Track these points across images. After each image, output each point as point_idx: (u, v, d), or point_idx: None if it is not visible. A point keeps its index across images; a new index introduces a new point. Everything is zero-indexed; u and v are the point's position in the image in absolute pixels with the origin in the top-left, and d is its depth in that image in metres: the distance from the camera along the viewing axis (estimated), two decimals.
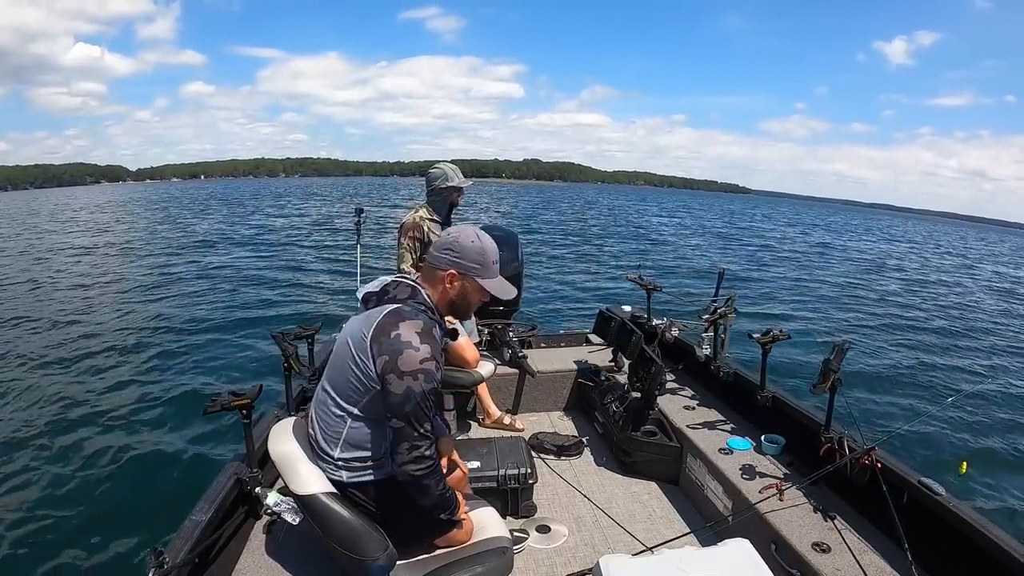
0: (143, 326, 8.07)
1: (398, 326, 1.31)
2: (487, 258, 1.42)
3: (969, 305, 12.66)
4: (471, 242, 1.42)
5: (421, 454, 1.33)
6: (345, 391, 1.38)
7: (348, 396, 1.37)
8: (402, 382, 1.28)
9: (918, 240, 40.64)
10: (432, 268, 1.44)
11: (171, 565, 1.39)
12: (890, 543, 1.76)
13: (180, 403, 5.24)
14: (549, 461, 2.78)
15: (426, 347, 1.30)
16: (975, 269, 22.91)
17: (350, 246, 13.21)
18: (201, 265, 13.29)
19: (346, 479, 1.42)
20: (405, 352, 1.28)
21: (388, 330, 1.31)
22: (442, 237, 1.47)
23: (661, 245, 19.51)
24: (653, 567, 1.36)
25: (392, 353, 1.29)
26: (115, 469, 4.13)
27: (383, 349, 1.30)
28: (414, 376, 1.28)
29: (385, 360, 1.29)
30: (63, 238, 20.00)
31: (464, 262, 1.41)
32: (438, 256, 1.43)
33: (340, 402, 1.39)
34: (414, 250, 2.78)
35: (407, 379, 1.28)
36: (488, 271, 1.43)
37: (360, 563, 1.37)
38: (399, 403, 1.29)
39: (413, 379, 1.28)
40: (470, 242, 1.42)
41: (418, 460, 1.32)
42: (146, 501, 3.72)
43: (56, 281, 11.74)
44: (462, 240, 1.42)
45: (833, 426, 2.08)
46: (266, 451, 2.09)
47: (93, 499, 3.77)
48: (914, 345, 8.24)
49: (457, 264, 1.41)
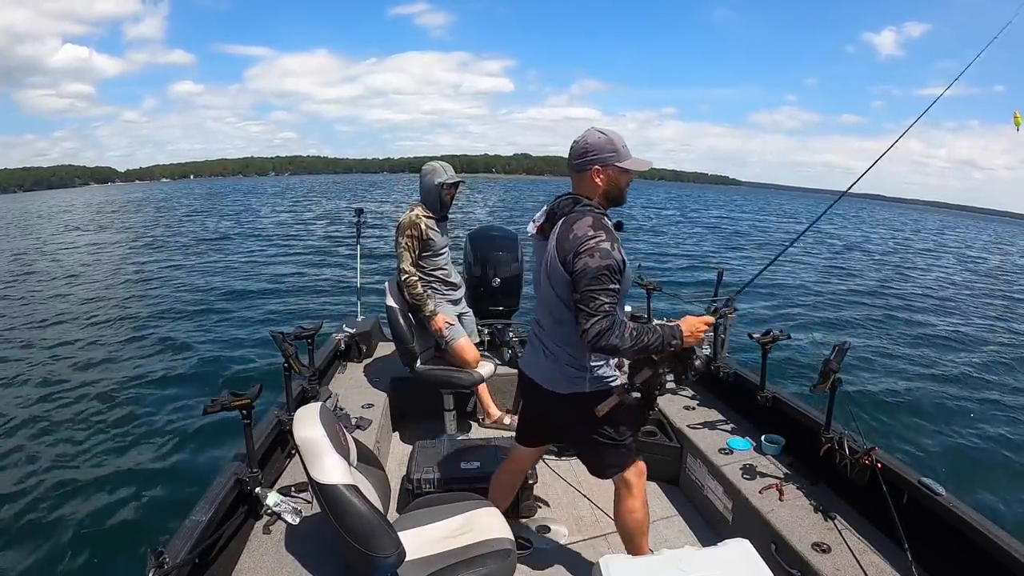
0: (142, 326, 8.06)
1: (572, 228, 1.51)
2: (616, 143, 1.57)
3: (970, 298, 12.65)
4: (597, 137, 1.58)
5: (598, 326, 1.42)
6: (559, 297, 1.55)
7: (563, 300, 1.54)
8: (580, 260, 1.45)
9: (916, 230, 40.61)
10: (579, 174, 1.60)
11: (171, 565, 1.39)
12: (890, 543, 1.76)
13: (180, 403, 5.23)
14: (549, 461, 2.78)
15: (599, 232, 1.48)
16: (971, 259, 22.90)
17: (350, 245, 13.21)
18: (200, 265, 13.27)
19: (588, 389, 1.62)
20: (582, 241, 1.47)
21: (566, 235, 1.51)
22: (573, 147, 1.61)
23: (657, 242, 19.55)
24: (653, 567, 1.36)
25: (571, 246, 1.48)
26: (115, 469, 4.12)
27: (566, 249, 1.49)
28: (590, 253, 1.45)
29: (569, 254, 1.48)
30: (62, 239, 20.01)
31: (601, 155, 1.56)
32: (578, 163, 1.59)
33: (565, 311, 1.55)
34: (413, 248, 2.78)
35: (584, 257, 1.45)
36: (621, 154, 1.58)
37: (370, 559, 1.37)
38: (578, 279, 1.46)
39: (589, 256, 1.45)
40: (597, 137, 1.58)
41: (599, 335, 1.43)
42: (146, 501, 3.72)
43: (55, 282, 11.74)
44: (589, 139, 1.58)
45: (833, 426, 2.08)
46: (266, 451, 2.10)
47: (93, 499, 3.76)
48: (914, 343, 8.25)
49: (596, 159, 1.56)
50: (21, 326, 8.25)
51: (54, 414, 5.07)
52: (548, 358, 1.68)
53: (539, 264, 1.65)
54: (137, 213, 31.95)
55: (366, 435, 2.53)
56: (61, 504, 3.69)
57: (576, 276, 1.46)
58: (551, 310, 1.62)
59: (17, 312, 9.09)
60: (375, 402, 2.88)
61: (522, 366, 1.83)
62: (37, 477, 4.02)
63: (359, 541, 1.36)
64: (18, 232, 23.48)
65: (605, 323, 1.42)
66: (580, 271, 1.45)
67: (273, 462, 2.19)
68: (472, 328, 3.11)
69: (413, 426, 3.09)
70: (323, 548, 1.75)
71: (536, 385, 1.74)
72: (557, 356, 1.65)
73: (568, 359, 1.63)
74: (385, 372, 3.26)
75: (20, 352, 6.97)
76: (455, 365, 2.91)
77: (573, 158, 1.60)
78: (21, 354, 6.89)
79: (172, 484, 3.90)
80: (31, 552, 3.23)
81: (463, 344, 2.90)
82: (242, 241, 17.88)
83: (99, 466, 4.18)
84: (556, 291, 1.56)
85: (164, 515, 3.42)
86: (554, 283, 1.56)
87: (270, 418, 2.25)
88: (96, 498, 3.78)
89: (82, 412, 5.11)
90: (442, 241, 2.89)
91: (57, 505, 3.67)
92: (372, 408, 2.82)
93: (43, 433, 4.68)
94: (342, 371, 3.31)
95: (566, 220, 1.55)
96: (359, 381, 3.19)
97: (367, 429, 2.60)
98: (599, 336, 1.42)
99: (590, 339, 1.43)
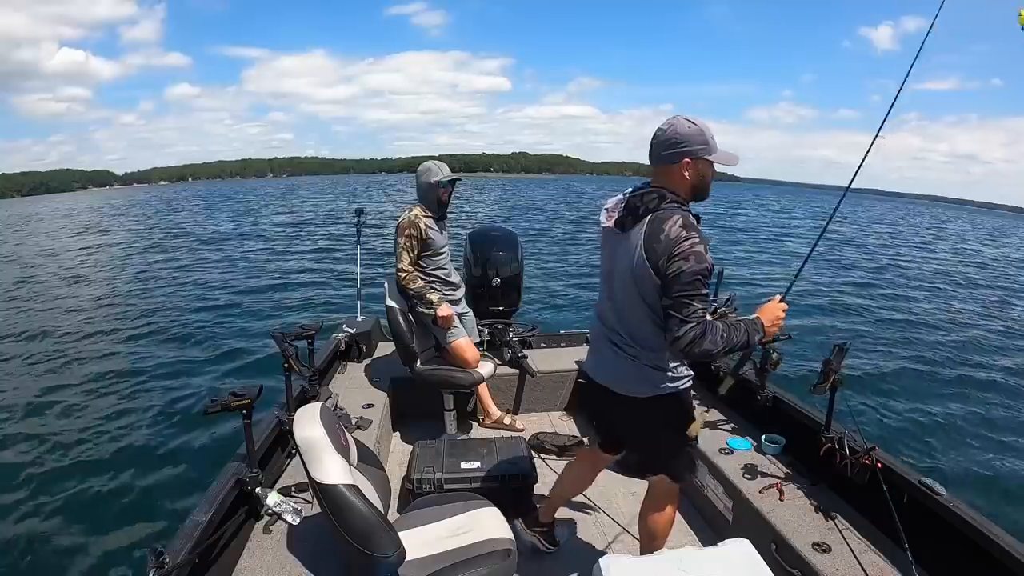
0: (143, 327, 8.07)
1: (663, 227, 1.41)
2: (706, 134, 1.47)
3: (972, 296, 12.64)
4: (688, 127, 1.47)
5: (692, 332, 1.38)
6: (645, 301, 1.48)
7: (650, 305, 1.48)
8: (674, 263, 1.38)
9: (912, 224, 40.52)
10: (665, 167, 1.49)
11: (171, 565, 1.39)
12: (891, 543, 1.76)
13: (181, 403, 5.24)
14: (549, 461, 2.78)
15: (692, 233, 1.40)
16: (969, 255, 22.86)
17: (350, 245, 13.22)
18: (200, 266, 13.28)
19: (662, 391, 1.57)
20: (676, 243, 1.39)
21: (656, 235, 1.42)
22: (657, 136, 1.51)
23: None
24: (653, 567, 1.36)
25: (664, 248, 1.40)
26: (115, 469, 4.13)
27: (658, 251, 1.41)
28: (684, 257, 1.37)
29: (661, 257, 1.40)
30: (63, 243, 20.01)
31: (693, 147, 1.46)
32: (666, 155, 1.48)
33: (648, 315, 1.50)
34: (412, 248, 2.78)
35: (679, 260, 1.38)
36: (711, 146, 1.48)
37: (371, 559, 1.37)
38: (670, 284, 1.39)
39: (684, 260, 1.37)
40: (687, 127, 1.47)
41: (692, 341, 1.39)
42: (146, 501, 3.72)
43: (54, 282, 11.74)
44: (680, 129, 1.47)
45: (833, 426, 2.08)
46: (266, 451, 2.10)
47: (93, 499, 3.77)
48: (914, 342, 8.24)
49: (688, 151, 1.46)
50: (21, 326, 8.25)
51: (55, 414, 5.08)
52: (625, 361, 1.59)
53: (612, 258, 1.57)
54: (138, 217, 31.94)
55: (366, 435, 2.53)
56: (62, 504, 3.69)
57: (668, 280, 1.40)
58: (632, 312, 1.54)
59: (18, 312, 9.10)
60: (375, 402, 2.88)
61: (589, 371, 1.75)
62: (38, 477, 4.03)
63: (359, 541, 1.36)
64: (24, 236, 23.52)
65: (699, 329, 1.38)
66: (673, 276, 1.38)
67: (273, 462, 2.19)
68: (472, 328, 3.11)
69: (413, 426, 3.09)
70: (323, 548, 1.75)
71: (606, 390, 1.67)
72: (638, 359, 1.57)
73: (650, 361, 1.57)
74: (385, 372, 3.26)
75: (21, 352, 6.98)
76: (455, 365, 2.91)
77: (661, 148, 1.49)
78: (22, 353, 6.89)
79: (172, 484, 3.91)
80: (32, 552, 3.23)
81: (463, 344, 2.90)
82: (242, 242, 17.88)
83: (99, 466, 4.18)
84: (642, 293, 1.49)
85: (164, 515, 3.43)
86: (640, 285, 1.48)
87: (270, 418, 2.25)
88: (96, 498, 3.79)
89: (82, 412, 5.12)
90: (441, 240, 2.89)
91: (58, 505, 3.68)
92: (372, 408, 2.82)
93: (43, 433, 4.69)
94: (342, 371, 3.32)
95: (655, 218, 1.45)
96: (359, 381, 3.19)
97: (367, 429, 2.60)
98: (693, 343, 1.38)
99: (683, 346, 1.39)
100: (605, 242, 1.64)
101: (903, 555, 1.63)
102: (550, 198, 44.33)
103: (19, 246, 19.19)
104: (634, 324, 1.56)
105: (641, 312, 1.51)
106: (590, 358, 1.78)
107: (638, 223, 1.48)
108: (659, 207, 1.46)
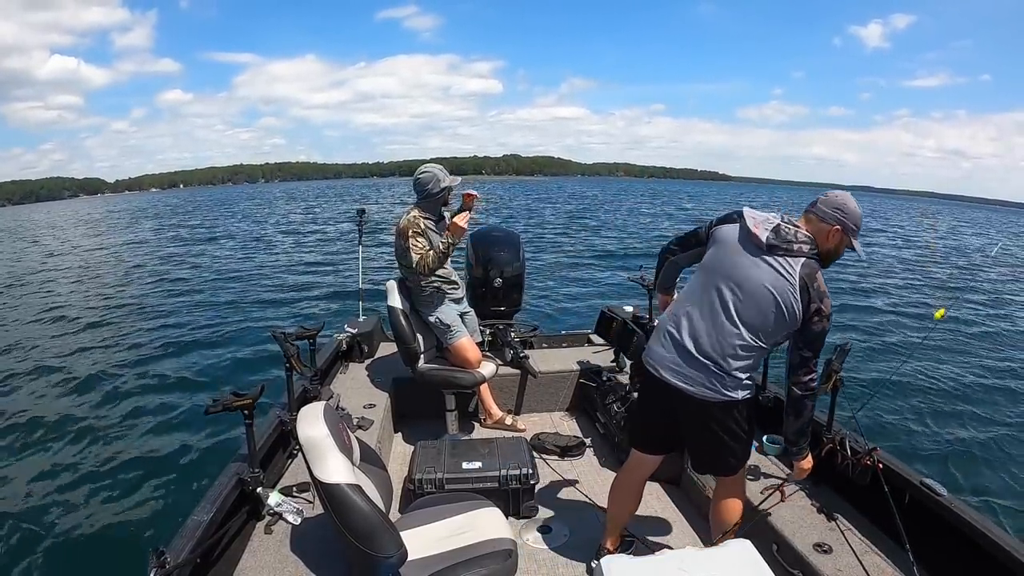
0: (144, 327, 8.08)
1: (816, 278, 1.58)
2: (860, 221, 1.66)
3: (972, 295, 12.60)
4: (855, 208, 1.65)
5: (815, 380, 1.64)
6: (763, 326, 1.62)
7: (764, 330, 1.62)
8: (821, 323, 1.58)
9: (907, 221, 40.38)
10: (821, 222, 1.64)
11: (172, 565, 1.39)
12: (892, 544, 1.76)
13: (182, 403, 5.25)
14: (551, 461, 2.78)
15: (828, 296, 1.60)
16: (968, 253, 22.79)
17: (351, 246, 13.22)
18: (201, 267, 13.30)
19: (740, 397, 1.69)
20: (824, 300, 1.58)
21: (812, 282, 1.57)
22: (830, 198, 1.65)
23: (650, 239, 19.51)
24: (654, 568, 1.36)
25: (818, 300, 1.57)
26: (117, 469, 4.13)
27: (812, 297, 1.57)
28: (827, 316, 1.58)
29: (814, 306, 1.57)
30: (58, 246, 20.03)
31: (848, 222, 1.63)
32: (828, 213, 1.63)
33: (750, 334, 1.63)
34: (420, 244, 2.75)
35: (825, 321, 1.58)
36: (857, 232, 1.66)
37: (372, 559, 1.37)
38: (815, 339, 1.60)
39: (827, 319, 1.59)
40: (854, 207, 1.65)
41: (812, 383, 1.63)
42: (148, 501, 3.73)
43: (53, 282, 11.76)
44: (850, 204, 1.64)
45: (835, 427, 2.08)
46: (268, 451, 2.10)
47: (95, 499, 3.77)
48: (915, 342, 8.21)
49: (843, 223, 1.62)
50: (21, 326, 8.27)
51: (55, 414, 5.08)
52: (710, 367, 1.65)
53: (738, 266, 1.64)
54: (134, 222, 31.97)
55: (368, 435, 2.53)
56: (62, 504, 3.70)
57: (810, 330, 1.58)
58: (746, 323, 1.62)
59: (17, 313, 9.11)
60: (377, 402, 2.88)
61: (664, 373, 1.72)
62: (38, 477, 4.03)
63: (361, 541, 1.36)
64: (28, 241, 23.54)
65: (815, 386, 1.64)
66: (817, 330, 1.58)
67: (275, 462, 2.19)
68: (474, 328, 3.11)
69: (415, 426, 3.09)
70: (325, 548, 1.75)
71: (679, 391, 1.69)
72: (725, 368, 1.65)
73: (738, 370, 1.66)
74: (387, 372, 3.26)
75: (21, 352, 6.99)
76: (457, 365, 2.91)
77: (827, 206, 1.63)
78: (22, 354, 6.91)
79: (174, 484, 3.91)
80: (33, 552, 3.24)
81: (465, 344, 2.90)
82: (241, 243, 17.90)
83: (101, 466, 4.19)
84: (774, 317, 1.59)
85: (166, 515, 3.43)
86: (779, 309, 1.58)
87: (272, 418, 2.26)
88: (98, 498, 3.79)
89: (83, 412, 5.13)
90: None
91: (59, 505, 3.68)
92: (374, 408, 2.82)
93: (44, 433, 4.69)
94: (344, 371, 3.32)
95: (810, 264, 1.59)
96: (361, 381, 3.19)
97: (369, 429, 2.61)
98: (812, 392, 1.64)
99: (802, 390, 1.63)
100: (735, 248, 1.67)
101: (904, 556, 1.63)
102: (546, 199, 44.30)
103: (26, 249, 19.23)
104: (743, 343, 1.64)
105: (754, 336, 1.63)
106: (667, 362, 1.73)
107: (790, 256, 1.59)
108: (809, 255, 1.61)
